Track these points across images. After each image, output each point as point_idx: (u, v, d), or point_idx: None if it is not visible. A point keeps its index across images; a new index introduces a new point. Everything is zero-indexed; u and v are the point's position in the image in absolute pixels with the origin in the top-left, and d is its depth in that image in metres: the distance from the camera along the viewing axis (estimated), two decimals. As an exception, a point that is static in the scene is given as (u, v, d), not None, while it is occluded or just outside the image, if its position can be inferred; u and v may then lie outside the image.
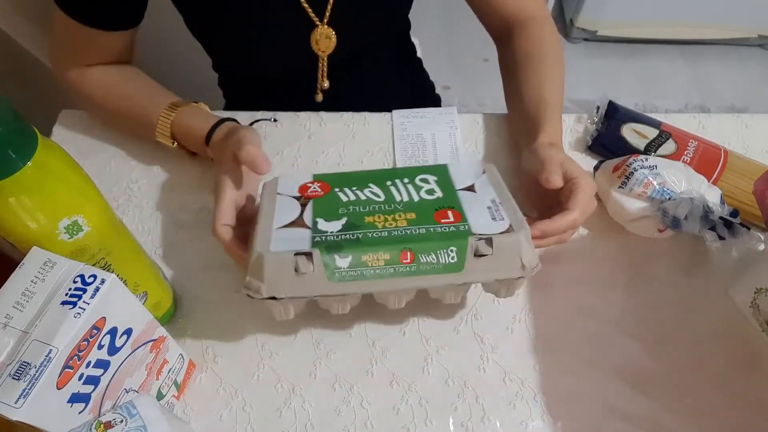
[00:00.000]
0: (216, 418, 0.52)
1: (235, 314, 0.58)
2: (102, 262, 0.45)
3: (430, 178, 0.54)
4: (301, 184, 0.54)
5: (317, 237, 0.47)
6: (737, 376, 0.55)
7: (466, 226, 0.48)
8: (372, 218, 0.49)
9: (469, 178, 0.54)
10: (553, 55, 0.66)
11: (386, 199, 0.52)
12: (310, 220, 0.49)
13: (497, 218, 0.49)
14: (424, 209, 0.50)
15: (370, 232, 0.48)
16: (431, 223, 0.48)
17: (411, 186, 0.53)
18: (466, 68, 1.79)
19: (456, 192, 0.52)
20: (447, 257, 0.46)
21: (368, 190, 0.53)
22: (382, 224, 0.48)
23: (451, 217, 0.49)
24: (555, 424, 0.52)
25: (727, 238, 0.56)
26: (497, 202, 0.51)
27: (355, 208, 0.51)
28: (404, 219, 0.49)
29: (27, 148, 0.38)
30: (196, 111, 0.63)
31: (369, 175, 0.55)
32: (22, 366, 0.35)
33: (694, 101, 1.81)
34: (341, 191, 0.53)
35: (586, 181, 0.54)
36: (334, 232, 0.48)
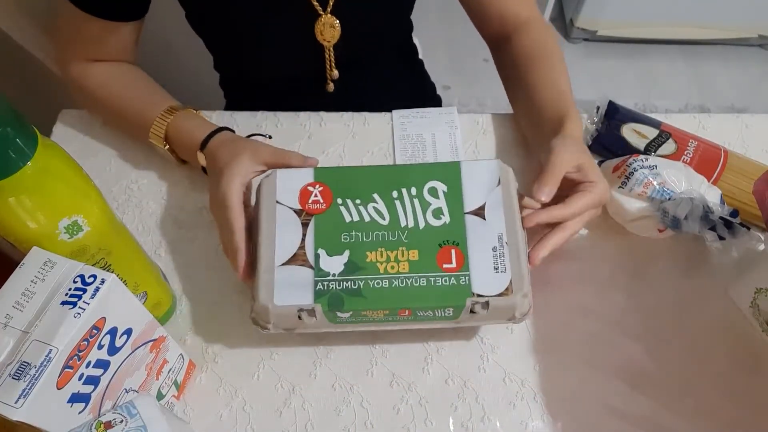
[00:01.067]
0: (216, 418, 0.53)
1: (235, 314, 0.58)
2: (102, 262, 0.45)
3: (439, 189, 0.51)
4: (301, 187, 0.52)
5: (319, 284, 0.48)
6: (737, 376, 0.55)
7: (467, 278, 0.48)
8: (374, 254, 0.49)
9: (480, 193, 0.51)
10: (559, 55, 0.67)
11: (390, 223, 0.50)
12: (312, 252, 0.49)
13: (499, 268, 0.49)
14: (428, 243, 0.49)
15: (371, 280, 0.48)
16: (433, 269, 0.49)
17: (418, 202, 0.51)
18: (466, 68, 1.79)
19: (464, 217, 0.50)
20: (443, 313, 0.49)
21: (372, 206, 0.51)
22: (383, 266, 0.49)
23: (454, 262, 0.49)
24: (555, 424, 0.52)
25: (727, 238, 0.56)
26: (503, 240, 0.49)
27: (357, 235, 0.50)
28: (406, 261, 0.49)
29: (27, 148, 0.38)
30: (193, 117, 0.63)
31: (374, 178, 0.52)
32: (22, 366, 0.35)
33: (694, 101, 1.80)
34: (344, 204, 0.51)
35: (599, 187, 0.53)
36: (336, 275, 0.48)
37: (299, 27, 0.68)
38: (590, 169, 0.54)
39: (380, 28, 0.74)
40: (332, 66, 0.73)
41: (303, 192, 0.51)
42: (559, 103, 0.62)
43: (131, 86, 0.67)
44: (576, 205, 0.52)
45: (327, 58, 0.71)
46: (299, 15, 0.67)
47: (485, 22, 0.73)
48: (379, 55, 0.80)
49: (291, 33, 0.68)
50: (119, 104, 0.65)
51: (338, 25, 0.68)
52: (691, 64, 1.88)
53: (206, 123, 0.62)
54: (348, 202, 0.51)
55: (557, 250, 0.52)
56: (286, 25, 0.68)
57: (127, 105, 0.65)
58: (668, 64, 1.88)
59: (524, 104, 0.67)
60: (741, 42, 1.87)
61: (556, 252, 0.53)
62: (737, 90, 1.83)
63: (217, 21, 0.69)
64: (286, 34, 0.68)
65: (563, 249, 0.61)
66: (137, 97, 0.66)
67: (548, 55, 0.67)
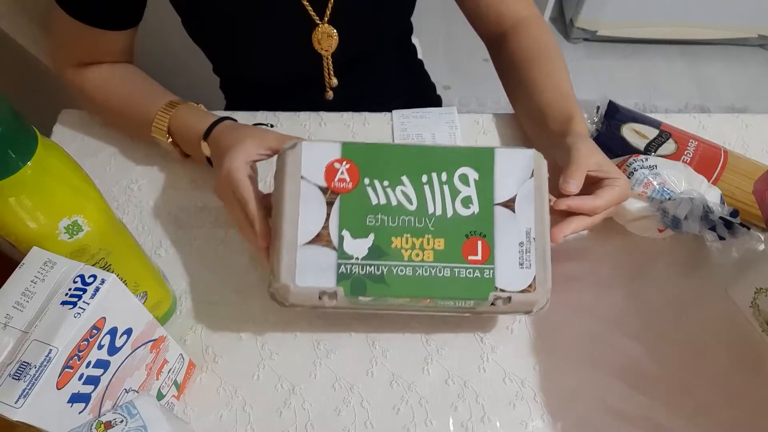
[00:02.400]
0: (216, 418, 0.53)
1: (235, 314, 0.58)
2: (102, 262, 0.45)
3: (470, 176, 0.49)
4: (328, 163, 0.49)
5: (342, 266, 0.47)
6: (737, 376, 0.55)
7: (491, 272, 0.48)
8: (399, 240, 0.48)
9: (513, 184, 0.50)
10: (558, 53, 0.67)
11: (418, 209, 0.49)
12: (336, 233, 0.48)
13: (524, 264, 0.48)
14: (454, 233, 0.48)
15: (395, 266, 0.48)
16: (458, 260, 0.48)
17: (447, 189, 0.49)
18: (466, 68, 1.79)
19: (493, 209, 0.49)
20: (464, 304, 0.48)
21: (400, 189, 0.49)
22: (408, 254, 0.48)
23: (480, 254, 0.48)
24: (555, 424, 0.52)
25: (727, 238, 0.56)
26: (531, 236, 0.49)
27: (383, 219, 0.48)
28: (431, 249, 0.48)
29: (27, 148, 0.38)
30: (195, 109, 0.63)
31: (405, 159, 0.50)
32: (22, 366, 0.35)
33: (694, 101, 1.81)
34: (371, 185, 0.49)
35: (624, 183, 0.54)
36: (359, 259, 0.48)
37: (296, 36, 0.68)
38: (611, 167, 0.55)
39: (379, 35, 0.74)
40: (331, 75, 0.73)
41: (329, 168, 0.49)
42: (564, 102, 0.62)
43: (129, 84, 0.67)
44: (606, 198, 0.53)
45: (325, 66, 0.71)
46: (296, 24, 0.67)
47: (483, 21, 0.73)
48: (377, 60, 0.80)
49: (288, 42, 0.68)
50: (119, 103, 0.65)
51: (336, 35, 0.68)
52: (691, 64, 1.88)
53: (208, 114, 0.62)
54: (375, 183, 0.49)
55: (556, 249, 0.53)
56: (283, 34, 0.68)
57: (126, 103, 0.65)
58: (668, 64, 1.88)
59: (527, 104, 0.67)
60: (741, 42, 1.87)
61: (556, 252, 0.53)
62: (737, 90, 1.83)
63: (213, 29, 0.68)
64: (283, 43, 0.68)
65: (563, 249, 0.62)
66: (136, 94, 0.65)
67: (548, 53, 0.67)
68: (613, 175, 0.54)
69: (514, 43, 0.68)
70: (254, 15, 0.65)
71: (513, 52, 0.68)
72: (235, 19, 0.65)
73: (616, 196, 0.53)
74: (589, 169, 0.54)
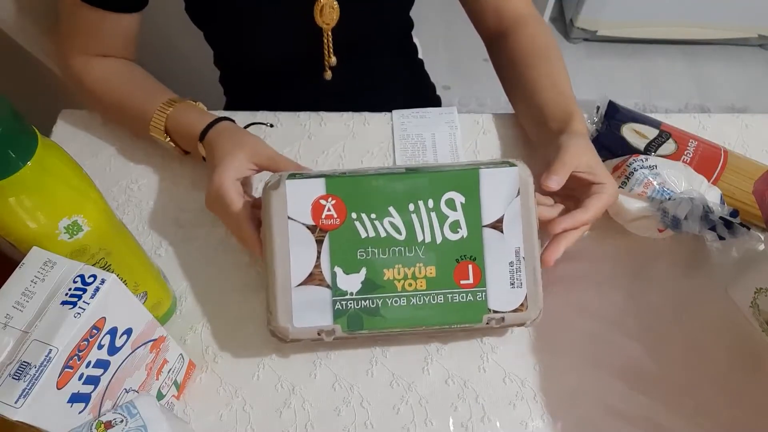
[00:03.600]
0: (216, 418, 0.52)
1: (235, 314, 0.58)
2: (102, 262, 0.45)
3: (457, 200, 0.50)
4: (313, 200, 0.49)
5: (337, 303, 0.49)
6: (737, 376, 0.55)
7: (483, 294, 0.50)
8: (391, 272, 0.49)
9: (500, 204, 0.50)
10: (557, 52, 0.67)
11: (407, 238, 0.49)
12: (328, 270, 0.49)
13: (515, 283, 0.50)
14: (445, 259, 0.49)
15: (389, 298, 0.49)
16: (450, 286, 0.49)
17: (435, 215, 0.49)
18: (466, 68, 1.79)
19: (481, 231, 0.50)
20: (458, 326, 0.51)
21: (388, 220, 0.49)
22: (401, 284, 0.49)
23: (471, 278, 0.50)
24: (555, 424, 0.52)
25: (727, 238, 0.56)
26: (521, 255, 0.50)
27: (374, 251, 0.49)
28: (423, 278, 0.49)
29: (27, 148, 0.38)
30: (192, 108, 0.63)
31: (389, 190, 0.49)
32: (22, 366, 0.35)
33: (694, 101, 1.81)
34: (358, 219, 0.49)
35: (611, 188, 0.55)
36: (353, 294, 0.49)
37: (298, 8, 0.68)
38: (600, 169, 0.55)
39: (380, 12, 0.74)
40: (330, 52, 0.72)
41: (315, 206, 0.49)
42: (563, 100, 0.62)
43: (130, 81, 0.67)
44: (594, 207, 0.53)
45: (325, 42, 0.71)
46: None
47: (482, 18, 0.73)
48: (378, 47, 0.80)
49: (290, 14, 0.68)
50: (118, 98, 0.66)
51: (337, 7, 0.68)
52: (691, 64, 1.88)
53: (205, 114, 0.62)
54: (363, 216, 0.49)
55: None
56: (285, 5, 0.68)
57: (126, 99, 0.65)
58: (668, 64, 1.88)
59: (526, 102, 0.67)
60: (741, 42, 1.87)
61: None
62: (737, 90, 1.83)
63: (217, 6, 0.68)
64: (285, 14, 0.68)
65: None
66: (136, 91, 0.66)
67: (547, 52, 0.67)
68: (600, 179, 0.55)
69: (513, 42, 0.68)
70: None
71: (512, 50, 0.68)
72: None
73: (603, 204, 0.54)
74: (578, 170, 0.55)
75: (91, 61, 0.66)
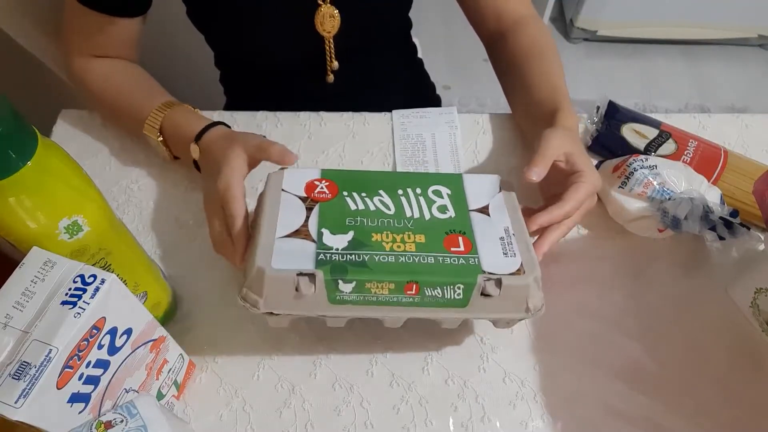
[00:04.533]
0: (216, 418, 0.53)
1: (235, 314, 0.58)
2: (102, 262, 0.45)
3: (443, 191, 0.52)
4: (308, 180, 0.51)
5: (321, 255, 0.45)
6: (737, 376, 0.55)
7: (476, 259, 0.46)
8: (380, 236, 0.47)
9: (483, 197, 0.52)
10: (554, 51, 0.67)
11: (396, 213, 0.49)
12: (315, 230, 0.47)
13: (509, 253, 0.48)
14: (434, 231, 0.48)
15: (377, 255, 0.46)
16: (440, 250, 0.47)
17: (423, 198, 0.51)
18: (466, 68, 1.79)
19: (469, 213, 0.50)
20: (453, 293, 0.45)
21: (378, 198, 0.50)
22: (389, 245, 0.46)
23: (462, 246, 0.47)
24: (555, 424, 0.52)
25: (727, 238, 0.56)
26: (510, 232, 0.49)
27: (363, 220, 0.48)
28: (413, 242, 0.47)
29: (27, 148, 0.38)
30: (191, 112, 0.63)
31: (380, 180, 0.52)
32: (22, 366, 0.35)
33: (694, 101, 1.81)
34: (349, 196, 0.50)
35: (590, 175, 0.53)
36: (339, 249, 0.46)
37: (299, 17, 0.68)
38: (578, 157, 0.54)
39: (380, 19, 0.74)
40: (332, 57, 0.73)
41: (309, 184, 0.51)
42: (554, 96, 0.62)
43: (130, 81, 0.67)
44: (572, 201, 0.51)
45: (327, 49, 0.71)
46: (299, 5, 0.67)
47: (482, 19, 0.73)
48: (378, 47, 0.80)
49: (291, 23, 0.69)
50: (117, 98, 0.66)
51: (338, 16, 0.68)
52: (691, 64, 1.88)
53: (202, 118, 0.62)
54: (354, 194, 0.51)
55: (557, 249, 0.53)
56: (287, 15, 0.68)
57: (124, 98, 0.65)
58: (668, 64, 1.88)
59: (520, 101, 0.67)
60: (741, 42, 1.87)
61: (556, 252, 0.53)
62: (737, 90, 1.83)
63: (218, 12, 0.69)
64: (286, 24, 0.69)
65: (563, 249, 0.62)
66: (135, 92, 0.66)
67: (543, 51, 0.67)
68: (578, 168, 0.53)
69: (512, 43, 0.69)
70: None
71: (510, 51, 0.69)
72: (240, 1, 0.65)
73: (583, 194, 0.52)
74: (557, 159, 0.53)
75: (92, 61, 0.67)
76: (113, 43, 0.66)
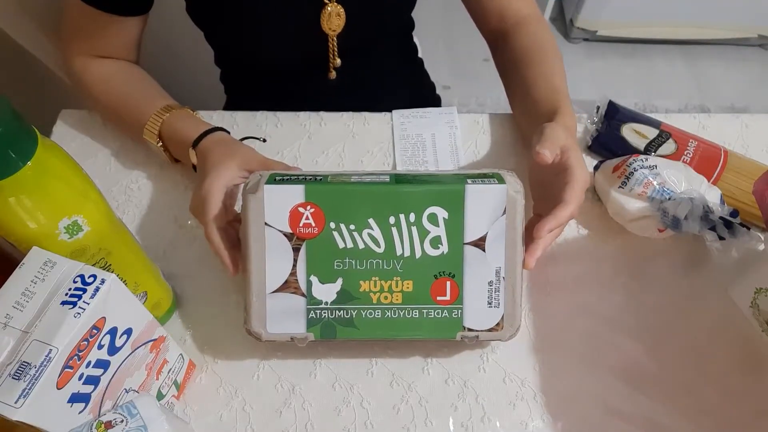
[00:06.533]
0: (216, 418, 0.52)
1: (235, 314, 0.58)
2: (102, 262, 0.45)
3: (440, 215, 0.48)
4: (291, 207, 0.47)
5: (312, 312, 0.49)
6: (737, 376, 0.55)
7: (459, 312, 0.49)
8: (368, 284, 0.49)
9: (483, 222, 0.48)
10: (555, 51, 0.67)
11: (386, 251, 0.48)
12: (304, 279, 0.48)
13: (493, 303, 0.49)
14: (423, 274, 0.49)
15: (364, 310, 0.49)
16: (426, 302, 0.49)
17: (416, 229, 0.48)
18: (466, 68, 1.79)
19: (463, 248, 0.48)
20: (433, 339, 0.53)
21: (367, 232, 0.48)
22: (377, 297, 0.49)
23: (448, 295, 0.49)
24: (555, 424, 0.52)
25: (727, 238, 0.56)
26: (501, 274, 0.49)
27: (351, 262, 0.48)
28: (400, 292, 0.49)
29: (27, 148, 0.38)
30: (189, 116, 0.63)
31: (371, 200, 0.48)
32: (22, 366, 0.35)
33: (694, 101, 1.80)
34: (337, 230, 0.48)
35: (580, 172, 0.52)
36: (328, 303, 0.49)
37: (305, 16, 0.68)
38: (572, 152, 0.53)
39: (384, 17, 0.74)
40: (335, 55, 0.73)
41: (293, 213, 0.47)
42: (554, 97, 0.62)
43: (131, 83, 0.67)
44: (574, 201, 0.51)
45: (330, 47, 0.71)
46: (305, 4, 0.67)
47: (485, 18, 0.73)
48: (380, 46, 0.80)
49: (296, 22, 0.68)
50: (117, 100, 0.66)
51: (344, 14, 0.68)
52: (691, 64, 1.88)
53: (201, 122, 0.62)
54: (342, 227, 0.48)
55: (557, 249, 0.52)
56: (291, 13, 0.68)
57: (124, 101, 0.65)
58: (668, 64, 1.88)
59: (520, 101, 0.67)
60: (741, 42, 1.87)
61: (556, 252, 0.53)
62: (737, 90, 1.83)
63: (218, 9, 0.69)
64: (289, 22, 0.68)
65: (563, 249, 0.62)
66: (135, 94, 0.66)
67: (544, 51, 0.67)
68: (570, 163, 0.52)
69: (514, 42, 0.69)
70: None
71: (512, 51, 0.69)
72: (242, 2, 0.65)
73: (581, 192, 0.52)
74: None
75: (92, 61, 0.67)
76: (114, 43, 0.66)
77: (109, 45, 0.66)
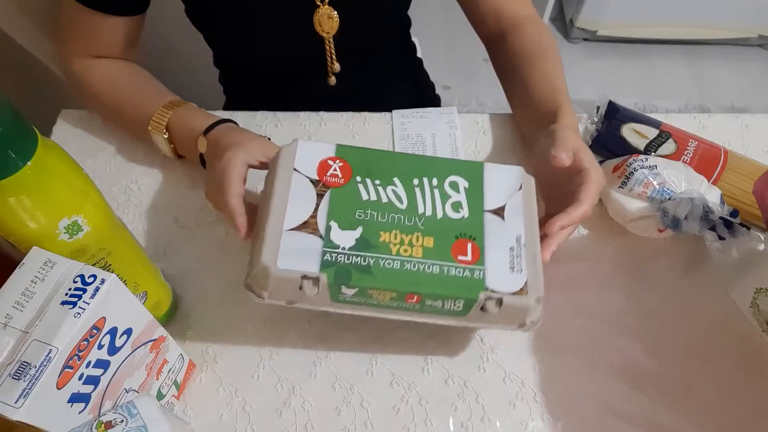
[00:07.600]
0: (216, 418, 0.53)
1: (235, 314, 0.58)
2: (102, 262, 0.45)
3: (460, 184, 0.50)
4: (321, 159, 0.49)
5: (327, 254, 0.45)
6: (737, 376, 0.55)
7: (481, 272, 0.46)
8: (388, 235, 0.47)
9: (502, 194, 0.50)
10: (555, 52, 0.67)
11: (408, 208, 0.48)
12: (323, 222, 0.46)
13: (515, 268, 0.47)
14: (444, 233, 0.47)
15: (382, 259, 0.46)
16: (447, 259, 0.46)
17: (438, 192, 0.49)
18: (466, 68, 1.79)
19: (483, 214, 0.49)
20: (453, 305, 0.46)
21: (391, 188, 0.49)
22: (396, 248, 0.46)
23: (469, 255, 0.47)
24: (555, 424, 0.52)
25: (727, 238, 0.56)
26: (522, 242, 0.48)
27: (373, 213, 0.47)
28: (420, 246, 0.47)
29: (27, 148, 0.38)
30: (198, 110, 0.63)
31: (397, 164, 0.50)
32: (22, 366, 0.35)
33: (694, 101, 1.81)
34: (362, 183, 0.49)
35: (596, 173, 0.53)
36: (345, 248, 0.46)
37: (298, 18, 0.68)
38: (584, 154, 0.54)
39: (377, 18, 0.74)
40: (333, 59, 0.73)
41: (322, 164, 0.49)
42: (554, 96, 0.62)
43: (135, 80, 0.67)
44: (588, 200, 0.52)
45: (327, 50, 0.72)
46: (298, 5, 0.67)
47: (482, 20, 0.73)
48: (378, 47, 0.80)
49: (290, 24, 0.69)
50: (119, 98, 0.66)
51: (336, 16, 0.68)
52: (691, 64, 1.88)
53: (212, 115, 0.62)
54: (367, 181, 0.49)
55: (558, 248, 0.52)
56: (285, 16, 0.68)
57: (127, 99, 0.65)
58: (668, 64, 1.88)
59: (520, 102, 0.67)
60: (741, 42, 1.87)
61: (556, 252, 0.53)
62: (737, 90, 1.83)
63: (217, 13, 0.69)
64: (285, 25, 0.69)
65: (563, 249, 0.61)
66: (141, 90, 0.66)
67: (543, 51, 0.67)
68: (583, 165, 0.53)
69: (512, 43, 0.69)
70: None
71: (510, 51, 0.69)
72: (239, 1, 0.65)
73: (594, 192, 0.52)
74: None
75: (91, 62, 0.66)
76: (113, 43, 0.66)
77: (107, 45, 0.66)
